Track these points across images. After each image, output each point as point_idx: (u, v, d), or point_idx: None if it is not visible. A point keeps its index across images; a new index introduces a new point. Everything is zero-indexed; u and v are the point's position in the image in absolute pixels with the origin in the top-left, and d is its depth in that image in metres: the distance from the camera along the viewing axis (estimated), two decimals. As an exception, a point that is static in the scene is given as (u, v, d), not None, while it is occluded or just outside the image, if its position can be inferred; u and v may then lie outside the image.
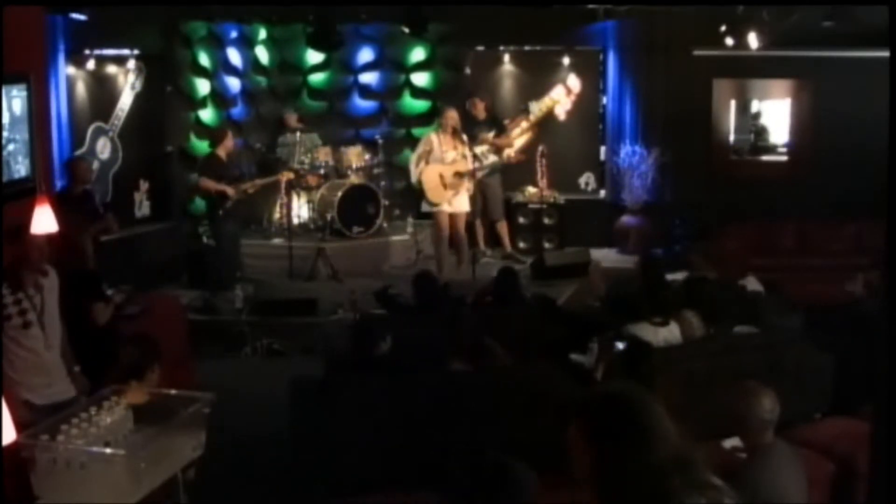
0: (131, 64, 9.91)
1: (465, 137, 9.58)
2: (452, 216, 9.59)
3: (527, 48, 11.42)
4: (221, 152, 9.43)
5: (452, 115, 9.57)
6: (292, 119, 10.89)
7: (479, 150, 9.78)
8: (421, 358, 5.51)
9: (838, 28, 9.57)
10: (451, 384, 5.01)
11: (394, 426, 4.64)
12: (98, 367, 5.15)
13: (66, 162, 8.33)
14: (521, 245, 10.85)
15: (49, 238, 4.65)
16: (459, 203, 9.57)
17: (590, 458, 2.09)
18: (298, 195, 10.62)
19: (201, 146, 10.36)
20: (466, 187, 9.53)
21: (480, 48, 11.41)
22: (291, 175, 9.96)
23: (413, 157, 9.98)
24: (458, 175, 9.45)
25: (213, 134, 9.92)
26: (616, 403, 2.14)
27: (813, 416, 5.31)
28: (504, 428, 4.49)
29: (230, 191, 9.21)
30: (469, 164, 9.44)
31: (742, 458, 4.09)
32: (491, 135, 10.26)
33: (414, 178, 9.95)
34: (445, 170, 9.45)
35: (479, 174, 9.69)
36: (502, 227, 10.57)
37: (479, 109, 10.32)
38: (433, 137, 9.70)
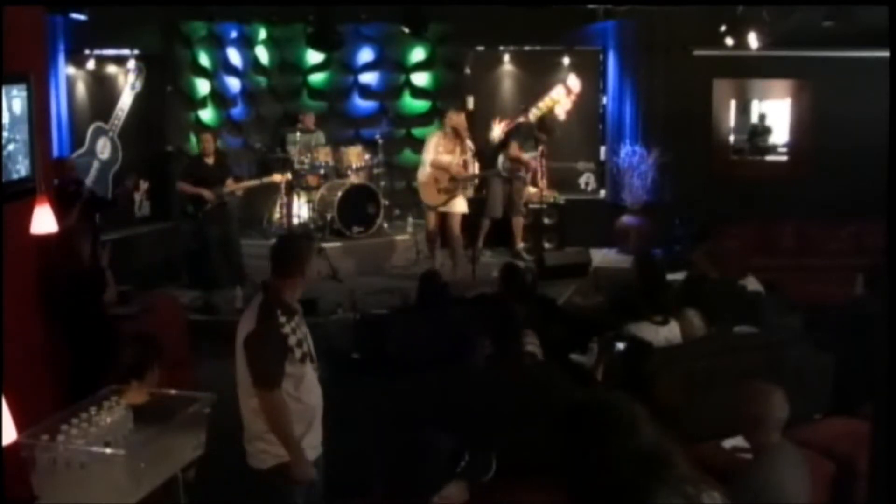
0: (131, 64, 9.92)
1: (469, 142, 9.48)
2: (444, 215, 9.54)
3: (527, 48, 11.43)
4: (203, 154, 9.45)
5: (455, 118, 9.42)
6: (310, 120, 10.91)
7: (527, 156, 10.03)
8: (423, 357, 5.51)
9: (838, 28, 9.57)
10: (453, 384, 5.00)
11: (395, 426, 4.64)
12: (98, 367, 5.16)
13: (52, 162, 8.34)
14: (522, 245, 10.86)
15: (46, 239, 4.63)
16: (454, 205, 9.49)
17: (574, 456, 2.14)
18: (298, 195, 10.63)
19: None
20: (464, 191, 9.46)
21: (480, 48, 11.42)
22: (288, 175, 9.94)
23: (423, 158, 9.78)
24: (454, 181, 9.36)
25: (199, 135, 9.97)
26: (603, 406, 2.21)
27: (813, 416, 5.31)
28: (505, 427, 4.49)
29: (206, 194, 9.19)
30: (469, 170, 9.39)
31: (742, 458, 4.09)
32: (534, 154, 10.23)
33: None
34: (441, 174, 9.38)
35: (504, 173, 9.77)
36: (518, 224, 10.55)
37: (546, 129, 10.35)
38: (435, 137, 9.61)
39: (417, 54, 11.42)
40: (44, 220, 4.35)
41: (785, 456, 3.58)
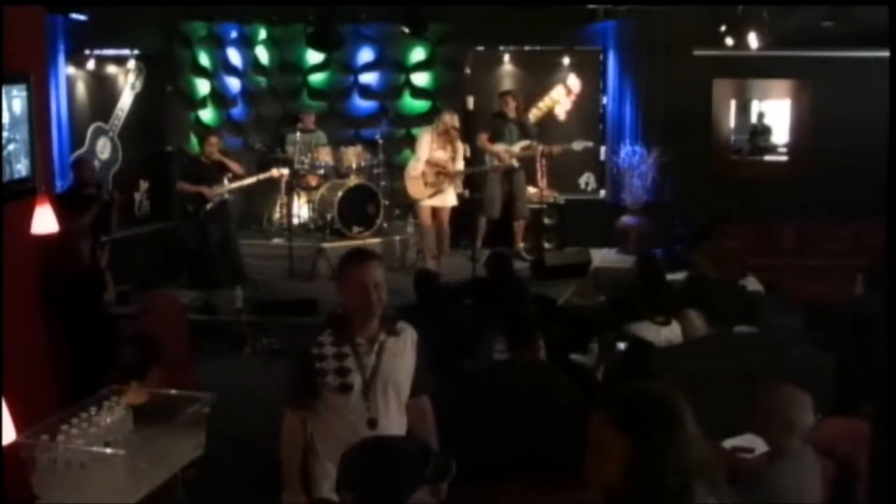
0: (131, 64, 9.91)
1: (458, 143, 9.75)
2: (435, 209, 9.81)
3: (527, 48, 11.42)
4: (203, 155, 9.47)
5: (449, 119, 9.71)
6: (310, 120, 10.91)
7: (504, 148, 10.13)
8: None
9: (838, 28, 9.57)
10: (453, 384, 5.00)
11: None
12: (98, 367, 5.16)
13: (73, 163, 8.34)
14: (522, 245, 10.86)
15: (46, 239, 4.62)
16: (443, 198, 9.80)
17: (619, 454, 2.08)
18: (298, 195, 10.63)
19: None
20: (452, 185, 9.78)
21: (480, 48, 11.41)
22: (284, 170, 9.95)
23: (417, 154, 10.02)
24: (441, 175, 9.66)
25: (200, 135, 10.00)
26: (657, 398, 2.15)
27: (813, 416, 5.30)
28: (506, 428, 4.49)
29: (207, 192, 9.22)
30: (457, 167, 9.70)
31: (743, 458, 4.09)
32: (522, 144, 10.24)
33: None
34: (429, 168, 9.67)
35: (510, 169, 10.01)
36: (520, 226, 10.61)
37: (511, 108, 10.35)
38: (427, 135, 9.84)
39: (417, 54, 11.42)
40: (44, 220, 4.35)
41: (805, 459, 3.56)
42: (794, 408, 3.56)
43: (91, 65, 9.46)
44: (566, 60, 11.24)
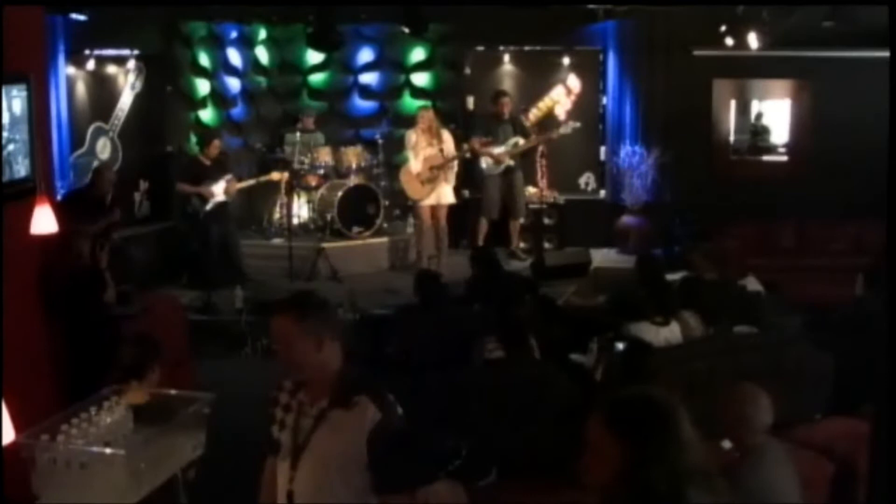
0: (131, 64, 9.92)
1: (444, 134, 9.88)
2: (434, 208, 9.89)
3: (527, 48, 11.42)
4: (203, 156, 9.48)
5: (426, 116, 9.87)
6: (309, 120, 10.91)
7: (498, 150, 10.14)
8: (424, 358, 5.51)
9: (838, 28, 9.57)
10: (453, 384, 5.01)
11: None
12: (98, 367, 5.15)
13: (94, 169, 8.38)
14: (522, 245, 10.87)
15: (46, 239, 4.62)
16: (441, 195, 9.86)
17: (612, 457, 2.09)
18: (298, 195, 10.64)
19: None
20: (446, 179, 9.84)
21: (480, 48, 11.42)
22: (285, 174, 9.96)
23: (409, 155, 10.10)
24: (433, 169, 9.74)
25: (201, 136, 10.00)
26: (651, 404, 2.15)
27: (813, 416, 5.31)
28: (505, 428, 4.49)
29: (207, 192, 9.24)
30: (444, 157, 9.75)
31: (737, 459, 4.09)
32: (517, 140, 10.26)
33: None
34: (420, 166, 9.76)
35: (493, 171, 10.09)
36: (515, 226, 10.63)
37: (507, 108, 10.37)
38: (413, 136, 9.95)
39: (417, 54, 11.42)
40: (44, 220, 4.35)
41: (771, 454, 3.58)
42: (749, 404, 3.59)
43: (91, 65, 9.46)
44: (566, 60, 11.23)
